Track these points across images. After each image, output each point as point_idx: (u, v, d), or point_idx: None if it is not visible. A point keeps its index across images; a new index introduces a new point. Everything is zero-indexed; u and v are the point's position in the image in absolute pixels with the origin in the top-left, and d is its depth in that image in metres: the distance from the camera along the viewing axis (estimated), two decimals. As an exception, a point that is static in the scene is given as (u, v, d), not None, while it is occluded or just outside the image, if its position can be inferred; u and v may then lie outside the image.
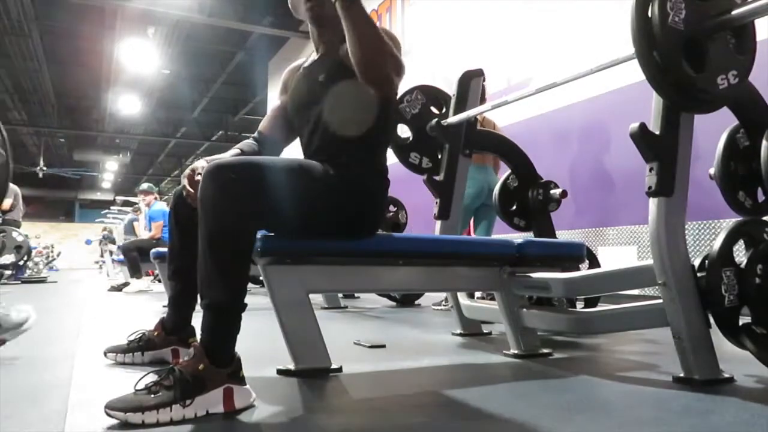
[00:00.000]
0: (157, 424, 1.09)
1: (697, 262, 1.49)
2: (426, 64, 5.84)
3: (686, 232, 1.51)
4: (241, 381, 1.24)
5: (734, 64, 1.40)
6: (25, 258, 6.46)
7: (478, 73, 2.45)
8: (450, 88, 2.46)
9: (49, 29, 9.48)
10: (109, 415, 1.09)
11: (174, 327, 1.77)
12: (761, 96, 1.64)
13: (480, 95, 2.46)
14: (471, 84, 2.41)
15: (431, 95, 2.51)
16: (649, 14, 1.35)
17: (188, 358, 1.19)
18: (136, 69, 10.39)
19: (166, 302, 4.16)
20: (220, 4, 8.27)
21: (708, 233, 3.08)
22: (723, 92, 1.39)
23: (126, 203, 12.45)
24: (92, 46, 9.93)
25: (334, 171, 1.49)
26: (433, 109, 2.49)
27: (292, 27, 8.94)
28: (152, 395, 1.12)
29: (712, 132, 1.65)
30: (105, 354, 1.81)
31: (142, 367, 1.81)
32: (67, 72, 11.53)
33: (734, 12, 1.35)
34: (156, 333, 1.78)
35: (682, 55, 1.35)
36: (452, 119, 2.35)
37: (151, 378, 1.17)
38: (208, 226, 1.25)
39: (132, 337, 1.80)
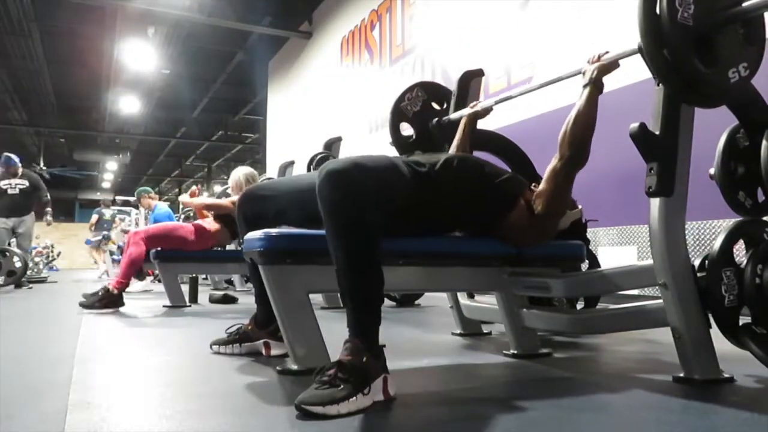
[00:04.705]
0: (348, 414, 1.15)
1: (697, 262, 1.49)
2: (426, 64, 5.84)
3: (686, 232, 1.50)
4: (388, 370, 1.31)
5: (745, 57, 1.38)
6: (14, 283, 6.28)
7: (478, 73, 2.44)
8: (450, 88, 2.46)
9: (49, 29, 9.46)
10: (305, 411, 1.13)
11: (264, 321, 1.89)
12: (761, 96, 1.64)
13: (478, 95, 2.46)
14: (471, 84, 2.41)
15: (432, 91, 2.48)
16: (657, 11, 1.32)
17: (348, 352, 1.24)
18: (136, 69, 10.38)
19: (166, 302, 4.16)
20: (220, 4, 8.26)
21: (708, 233, 3.08)
22: (734, 86, 1.37)
23: (126, 203, 12.44)
24: (92, 46, 9.92)
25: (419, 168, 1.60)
26: (435, 106, 2.47)
27: (292, 27, 8.94)
28: (336, 388, 1.17)
29: (712, 132, 1.65)
30: (210, 346, 1.97)
31: (146, 365, 1.81)
32: (67, 72, 11.52)
33: (745, 4, 1.32)
34: (250, 327, 1.92)
35: (692, 51, 1.32)
36: (452, 116, 2.34)
37: (327, 371, 1.21)
38: (335, 229, 1.32)
39: (230, 330, 1.96)
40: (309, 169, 3.70)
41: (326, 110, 7.96)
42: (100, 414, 1.18)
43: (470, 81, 2.41)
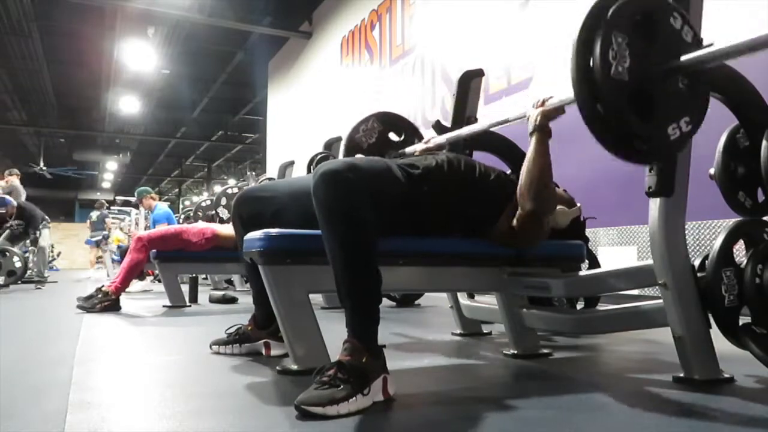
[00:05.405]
0: (348, 415, 1.15)
1: (697, 262, 1.49)
2: (426, 64, 5.85)
3: (686, 232, 1.50)
4: (387, 370, 1.31)
5: (687, 111, 1.29)
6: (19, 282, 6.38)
7: (478, 73, 2.44)
8: (450, 88, 2.45)
9: (49, 29, 9.47)
10: (305, 411, 1.13)
11: (264, 321, 1.90)
12: (761, 96, 1.64)
13: (478, 95, 2.45)
14: (471, 84, 2.41)
15: (389, 122, 2.45)
16: (591, 64, 1.22)
17: (347, 353, 1.24)
18: (136, 69, 10.39)
19: (166, 302, 4.16)
20: (220, 4, 8.27)
21: (708, 233, 3.08)
22: (674, 142, 1.28)
23: (126, 203, 12.46)
24: (92, 46, 9.93)
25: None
26: (392, 136, 2.43)
27: (292, 27, 8.94)
28: (336, 388, 1.17)
29: (712, 132, 1.65)
30: (210, 346, 1.97)
31: (146, 365, 1.81)
32: (67, 72, 11.53)
33: (683, 58, 1.25)
34: (250, 327, 1.93)
35: (627, 107, 1.23)
36: (407, 150, 2.32)
37: (326, 372, 1.21)
38: (331, 229, 1.32)
39: (230, 331, 1.96)
40: (309, 169, 3.70)
41: (326, 110, 7.96)
42: (100, 414, 1.18)
43: (470, 81, 2.41)
